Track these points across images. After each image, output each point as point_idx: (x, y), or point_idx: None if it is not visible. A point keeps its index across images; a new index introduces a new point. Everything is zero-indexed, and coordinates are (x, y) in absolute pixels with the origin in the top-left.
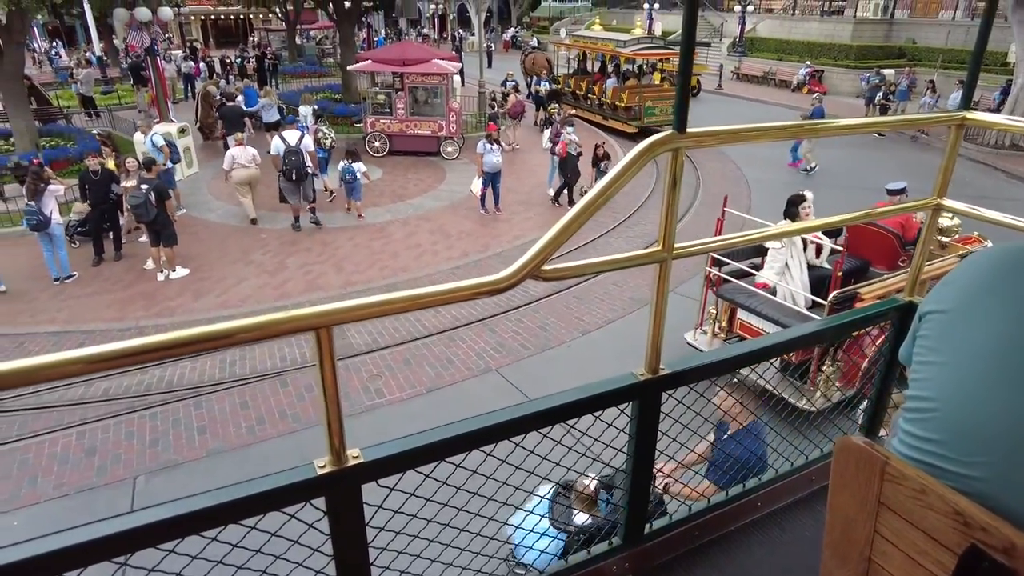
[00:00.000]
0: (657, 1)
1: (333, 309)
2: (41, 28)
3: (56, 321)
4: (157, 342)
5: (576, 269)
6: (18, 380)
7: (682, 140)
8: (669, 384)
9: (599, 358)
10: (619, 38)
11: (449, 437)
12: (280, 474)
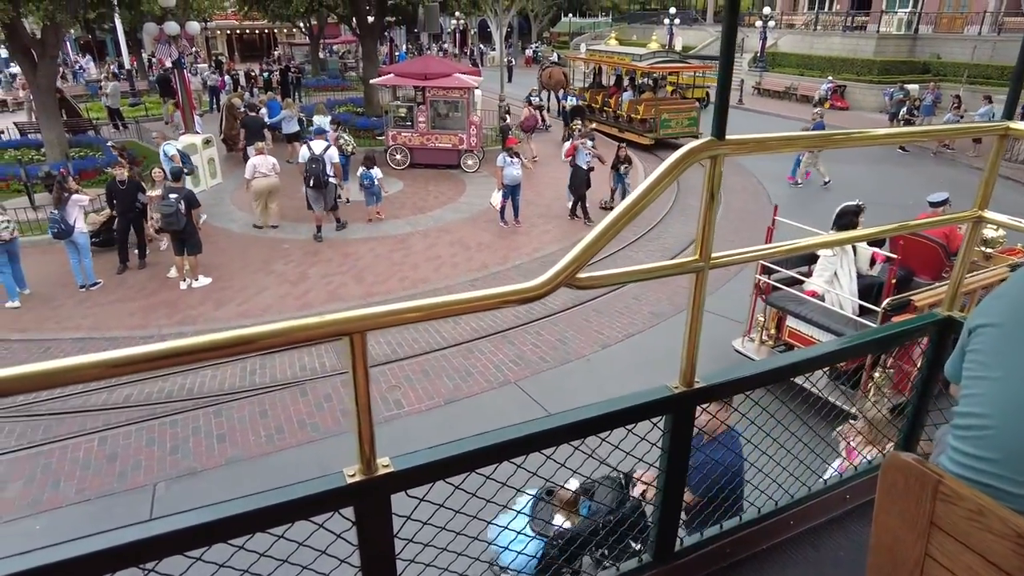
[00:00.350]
0: (678, 16)
1: (367, 314)
2: (74, 42)
3: (81, 328)
4: (192, 345)
5: (611, 278)
6: (41, 383)
7: (721, 147)
8: (704, 397)
9: (619, 372)
10: (635, 52)
11: (481, 447)
12: (310, 482)
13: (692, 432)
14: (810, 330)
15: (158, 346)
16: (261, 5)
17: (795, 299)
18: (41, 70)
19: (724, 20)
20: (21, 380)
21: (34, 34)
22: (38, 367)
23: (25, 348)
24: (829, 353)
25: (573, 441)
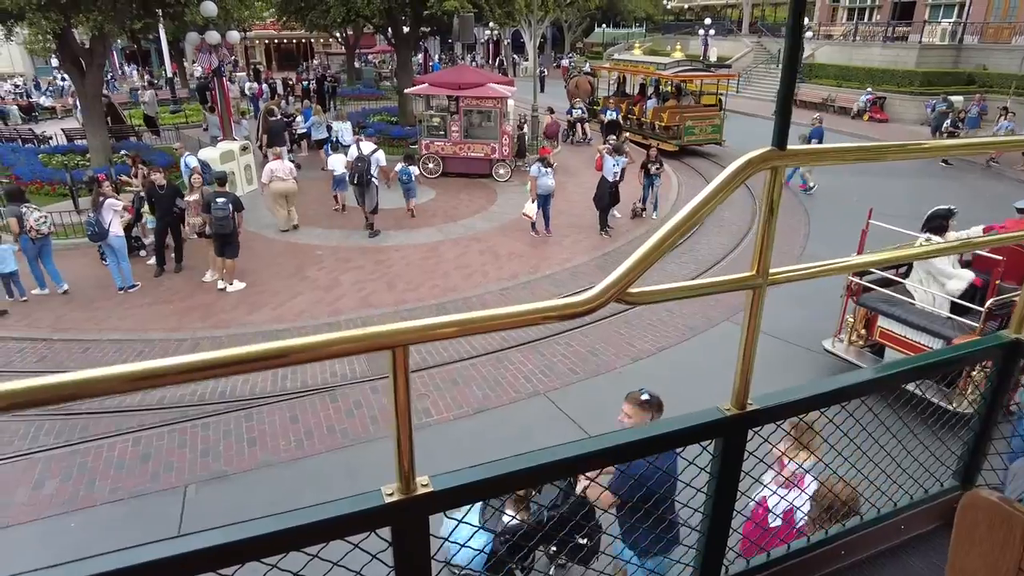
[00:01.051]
0: (713, 27)
1: (411, 327)
2: (120, 52)
3: (119, 329)
4: (236, 355)
5: (664, 293)
6: (75, 392)
7: (782, 158)
8: (757, 421)
9: (652, 386)
10: (659, 61)
11: (524, 469)
12: (346, 500)
13: (743, 457)
14: (904, 330)
15: (202, 356)
16: (300, 15)
17: (888, 300)
18: (89, 78)
19: (789, 26)
20: (54, 389)
21: (83, 44)
22: (71, 377)
23: (66, 348)
24: (891, 375)
25: (620, 465)
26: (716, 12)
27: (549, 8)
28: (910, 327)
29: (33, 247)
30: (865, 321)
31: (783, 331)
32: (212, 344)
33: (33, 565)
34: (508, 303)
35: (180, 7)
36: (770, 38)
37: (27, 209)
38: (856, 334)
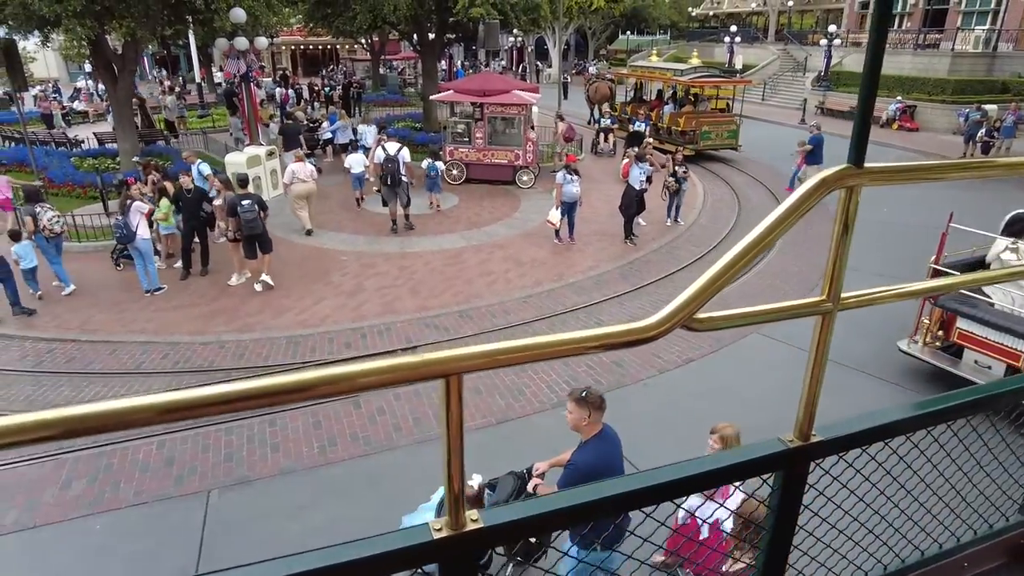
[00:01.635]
0: (739, 35)
1: (466, 354)
2: (150, 57)
3: (145, 331)
4: (281, 384)
5: (732, 319)
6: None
7: (859, 176)
8: (821, 452)
9: (678, 399)
10: (676, 67)
11: (575, 505)
12: (395, 535)
13: (804, 490)
14: (986, 332)
15: (254, 383)
16: (326, 22)
17: (968, 301)
18: (120, 83)
19: (871, 33)
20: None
21: (116, 50)
22: (105, 407)
23: (93, 349)
24: (970, 403)
25: (677, 499)
26: (742, 20)
27: (573, 15)
28: (992, 328)
29: (49, 245)
30: (941, 322)
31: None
32: (236, 347)
33: (59, 566)
34: (531, 311)
35: (210, 14)
36: (796, 46)
37: (41, 209)
38: (931, 335)
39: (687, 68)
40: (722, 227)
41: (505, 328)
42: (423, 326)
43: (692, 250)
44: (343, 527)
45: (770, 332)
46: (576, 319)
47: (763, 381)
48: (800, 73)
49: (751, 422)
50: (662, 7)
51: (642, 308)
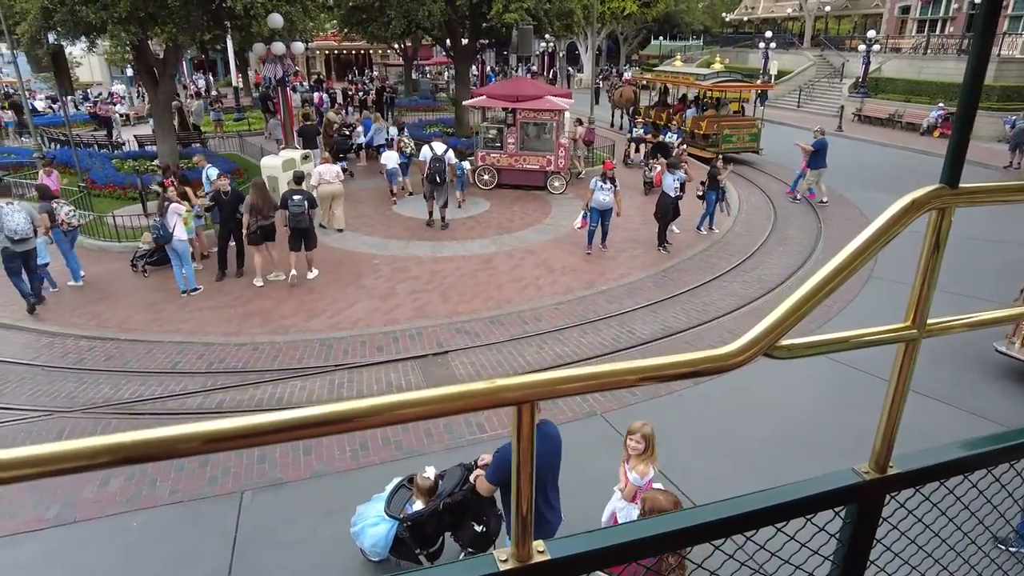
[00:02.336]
0: (774, 40)
1: (540, 381)
2: (189, 62)
3: (181, 331)
4: (356, 409)
5: (815, 347)
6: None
7: (953, 197)
8: (899, 485)
9: (714, 412)
10: (699, 72)
11: (645, 537)
12: (458, 565)
13: (878, 523)
14: None
15: (328, 408)
16: (361, 27)
17: None
18: (161, 87)
19: (975, 40)
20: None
21: (157, 55)
22: (153, 434)
23: (131, 348)
24: None
25: (747, 532)
26: (777, 25)
27: (606, 20)
28: None
29: (65, 239)
30: None
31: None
32: (271, 349)
33: (99, 562)
34: (563, 318)
35: (248, 19)
36: (833, 51)
37: (57, 204)
38: None
39: (709, 72)
40: (757, 236)
41: (536, 335)
42: (454, 331)
43: (727, 259)
44: None
45: None
46: (608, 327)
47: (800, 397)
48: (837, 79)
49: (792, 439)
50: (695, 12)
51: (676, 317)
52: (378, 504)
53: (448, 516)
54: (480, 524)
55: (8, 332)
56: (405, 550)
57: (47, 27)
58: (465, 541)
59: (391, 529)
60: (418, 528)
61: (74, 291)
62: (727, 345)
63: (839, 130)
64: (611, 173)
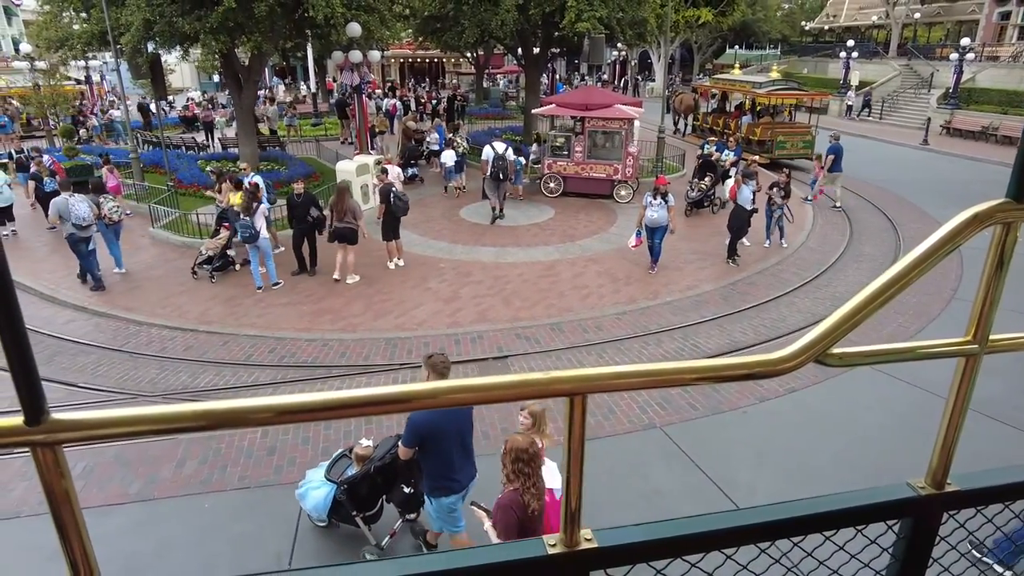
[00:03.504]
0: (856, 49)
1: (591, 375)
2: (270, 69)
3: (255, 326)
4: (418, 391)
5: (867, 356)
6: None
7: (1020, 212)
8: (957, 504)
9: (778, 429)
10: (755, 80)
11: (696, 533)
12: (508, 546)
13: (935, 541)
14: None
15: (391, 389)
16: (435, 36)
17: None
18: (245, 93)
19: None
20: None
21: (243, 62)
22: (227, 405)
23: (208, 339)
24: None
25: (794, 536)
26: (861, 33)
27: (680, 29)
28: None
29: (108, 231)
30: None
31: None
32: (339, 346)
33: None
34: (625, 328)
35: (328, 28)
36: (921, 61)
37: (104, 199)
38: None
39: (765, 81)
40: (831, 252)
41: (597, 344)
42: (514, 336)
43: (799, 274)
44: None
45: (879, 365)
46: (672, 339)
47: (870, 417)
48: (924, 90)
49: (855, 460)
50: (773, 21)
51: (743, 332)
52: (321, 470)
53: (379, 479)
54: (408, 486)
55: (103, 320)
56: (343, 512)
57: (147, 37)
58: (396, 501)
59: (330, 492)
60: (353, 490)
61: (153, 283)
62: (780, 350)
63: (924, 143)
64: (664, 188)
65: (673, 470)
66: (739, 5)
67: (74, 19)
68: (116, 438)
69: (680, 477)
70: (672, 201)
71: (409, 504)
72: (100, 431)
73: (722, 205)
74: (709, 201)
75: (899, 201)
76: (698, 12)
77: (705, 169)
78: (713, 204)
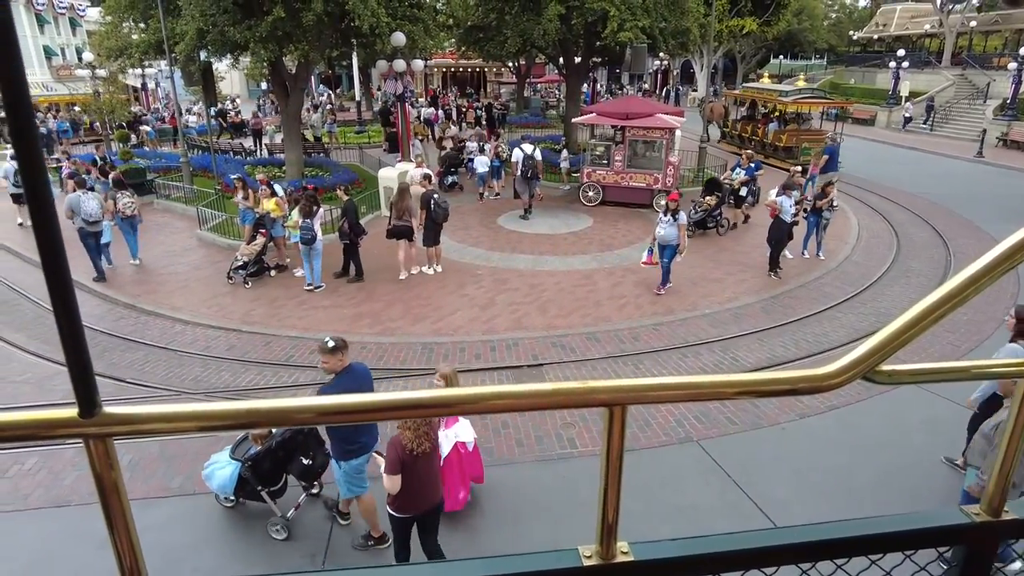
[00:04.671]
0: (907, 59)
1: (631, 386)
2: (316, 77)
3: (296, 327)
4: (456, 396)
5: (919, 374)
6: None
7: None
8: (1015, 532)
9: (819, 449)
10: (782, 88)
11: (736, 550)
12: (542, 555)
13: (991, 572)
14: None
15: (426, 393)
16: (478, 46)
17: None
18: (292, 100)
19: None
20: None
21: (290, 70)
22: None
23: (250, 339)
24: None
25: (838, 559)
26: (912, 42)
27: (724, 39)
28: None
29: (124, 224)
30: None
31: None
32: (377, 349)
33: (211, 532)
34: (662, 339)
35: (373, 37)
36: (977, 71)
37: (120, 195)
38: None
39: (792, 89)
40: (876, 266)
41: (634, 355)
42: (550, 345)
43: (842, 288)
44: (461, 536)
45: (927, 384)
46: (711, 352)
47: (916, 439)
48: (980, 101)
49: (899, 483)
50: (820, 31)
51: (784, 347)
52: (225, 453)
53: (281, 452)
54: (307, 458)
55: (149, 318)
56: (249, 489)
57: (200, 46)
58: (296, 473)
59: (235, 470)
60: (257, 466)
61: (199, 283)
62: (825, 366)
63: (979, 155)
64: (674, 205)
65: (710, 485)
66: (785, 15)
67: (133, 29)
68: (163, 433)
69: (717, 493)
70: (683, 219)
71: (308, 475)
72: (148, 425)
73: (732, 226)
74: (715, 222)
75: (949, 215)
76: (742, 22)
77: (711, 187)
78: (719, 225)
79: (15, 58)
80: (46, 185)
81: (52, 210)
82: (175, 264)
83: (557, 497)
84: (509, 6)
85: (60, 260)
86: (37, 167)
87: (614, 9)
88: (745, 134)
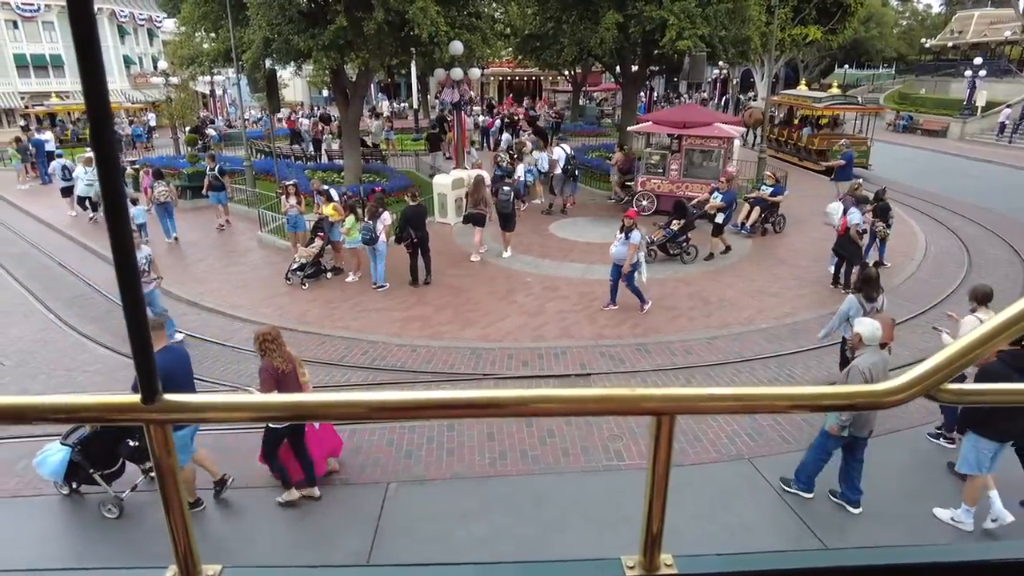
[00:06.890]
0: (984, 67)
1: (682, 395)
2: (376, 85)
3: (350, 328)
4: (502, 397)
5: (988, 394)
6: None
7: None
8: None
9: (875, 471)
10: (817, 95)
11: (781, 569)
12: (584, 564)
13: None
14: None
15: (473, 392)
16: (534, 54)
17: None
18: (352, 107)
19: None
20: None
21: (350, 78)
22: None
23: (306, 338)
24: None
25: None
26: (989, 50)
27: (786, 47)
28: None
29: (159, 209)
30: None
31: None
32: (426, 352)
33: (260, 524)
34: (715, 353)
35: (432, 46)
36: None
37: (157, 184)
38: None
39: (824, 96)
40: (946, 284)
41: (685, 368)
42: (598, 354)
43: (907, 307)
44: (504, 542)
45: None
46: (766, 368)
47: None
48: None
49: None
50: (889, 38)
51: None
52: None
53: (107, 435)
54: (133, 440)
55: (210, 315)
56: (82, 473)
57: (266, 54)
58: (125, 455)
59: (65, 456)
60: (87, 449)
61: (259, 282)
62: (886, 382)
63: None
64: (629, 223)
65: (759, 504)
66: (852, 23)
67: (204, 39)
68: (218, 421)
69: (766, 511)
70: (636, 239)
71: (136, 455)
72: (205, 414)
73: (697, 255)
74: (679, 248)
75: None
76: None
77: (678, 212)
78: (684, 252)
79: (99, 73)
80: (121, 191)
81: (125, 213)
82: (236, 264)
83: (601, 508)
84: (567, 15)
85: (130, 260)
86: (114, 176)
87: (673, 18)
88: (782, 138)
